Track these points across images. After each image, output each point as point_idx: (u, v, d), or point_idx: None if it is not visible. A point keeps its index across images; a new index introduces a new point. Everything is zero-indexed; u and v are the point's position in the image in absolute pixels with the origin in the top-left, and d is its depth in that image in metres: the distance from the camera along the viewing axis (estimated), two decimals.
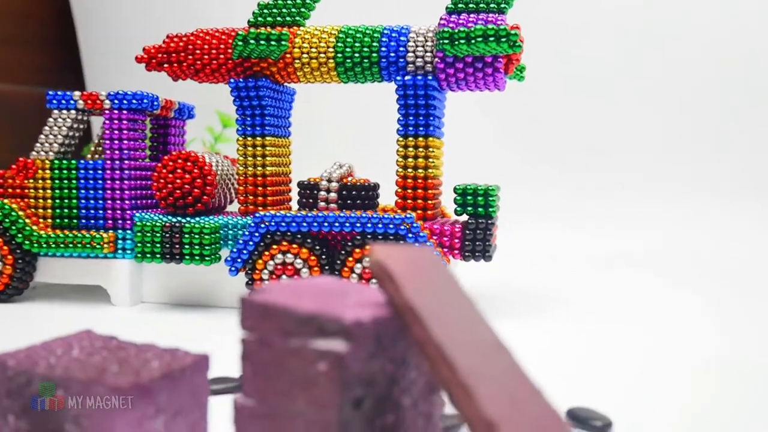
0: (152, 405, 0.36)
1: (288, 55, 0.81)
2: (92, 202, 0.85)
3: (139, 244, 0.81)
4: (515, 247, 1.15)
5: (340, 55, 0.80)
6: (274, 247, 0.77)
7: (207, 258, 0.79)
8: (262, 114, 0.83)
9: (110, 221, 0.85)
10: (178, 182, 0.83)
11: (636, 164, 1.52)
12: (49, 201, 0.86)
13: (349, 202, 0.81)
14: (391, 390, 0.35)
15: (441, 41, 0.75)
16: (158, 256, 0.80)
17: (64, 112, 0.86)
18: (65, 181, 0.86)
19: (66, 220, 0.86)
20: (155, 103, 0.86)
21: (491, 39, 0.72)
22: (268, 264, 0.77)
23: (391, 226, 0.74)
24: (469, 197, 0.78)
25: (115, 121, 0.84)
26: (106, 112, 0.84)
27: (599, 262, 1.20)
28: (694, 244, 1.32)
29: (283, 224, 0.77)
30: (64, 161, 0.86)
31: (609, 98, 1.55)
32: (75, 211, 0.86)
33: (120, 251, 0.84)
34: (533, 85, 1.05)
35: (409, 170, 0.80)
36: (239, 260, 0.78)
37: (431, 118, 0.79)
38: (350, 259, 0.75)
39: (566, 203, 1.49)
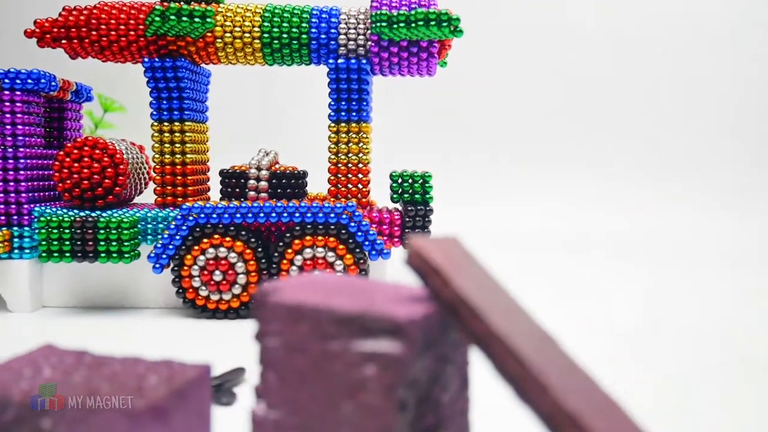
0: (166, 427, 0.32)
1: (209, 34, 0.76)
2: None
3: (43, 243, 0.72)
4: (448, 233, 1.16)
5: (266, 35, 0.76)
6: (205, 240, 0.71)
7: (126, 255, 0.72)
8: (180, 97, 0.77)
9: (3, 217, 0.75)
10: (86, 172, 0.74)
11: (557, 145, 1.59)
12: None
13: (279, 191, 0.77)
14: (432, 389, 0.33)
15: (377, 24, 0.73)
16: (67, 255, 0.72)
17: None
18: None
19: None
20: (53, 83, 0.77)
21: (432, 23, 0.71)
22: (198, 259, 0.71)
23: (332, 215, 0.72)
24: (405, 184, 0.77)
25: (6, 104, 0.74)
26: None
27: (530, 243, 1.24)
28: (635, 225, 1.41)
29: (214, 216, 0.71)
30: None
31: (526, 81, 1.60)
32: None
33: (16, 251, 0.75)
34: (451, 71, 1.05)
35: (342, 157, 0.77)
36: (164, 256, 0.72)
37: (364, 103, 0.77)
38: (289, 251, 0.72)
39: (490, 186, 1.54)
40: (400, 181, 0.77)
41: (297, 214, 0.72)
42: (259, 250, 0.72)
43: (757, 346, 0.63)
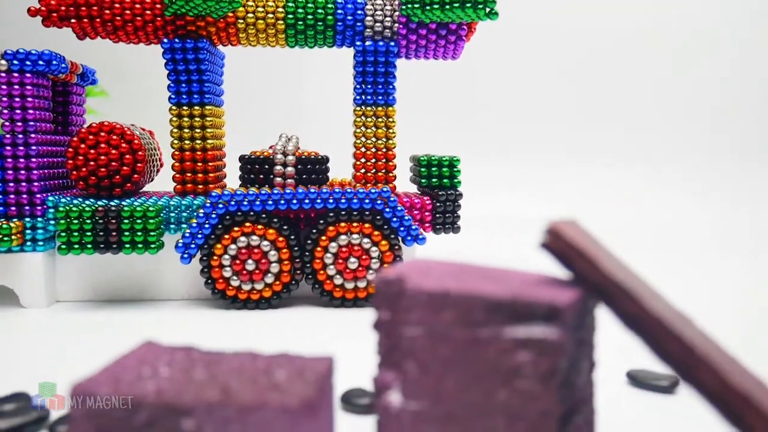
0: (315, 423, 0.30)
1: (230, 15, 0.73)
2: None
3: (62, 234, 0.68)
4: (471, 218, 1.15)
5: (291, 16, 0.73)
6: (236, 229, 0.69)
7: (152, 246, 0.69)
8: (200, 80, 0.74)
9: (14, 208, 0.70)
10: (103, 159, 0.71)
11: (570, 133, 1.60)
12: None
13: (304, 177, 0.75)
14: (569, 373, 0.33)
15: (408, 5, 0.72)
16: (89, 247, 0.68)
17: None
18: None
19: None
20: (63, 65, 0.72)
21: (468, 5, 0.70)
22: (229, 248, 0.69)
23: (367, 200, 0.70)
24: (434, 168, 0.76)
25: (16, 86, 0.69)
26: (2, 74, 0.69)
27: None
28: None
29: (245, 203, 0.69)
30: None
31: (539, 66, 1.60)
32: None
33: (29, 243, 0.70)
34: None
35: (368, 141, 0.76)
36: (192, 246, 0.69)
37: (390, 87, 0.76)
38: (323, 238, 0.70)
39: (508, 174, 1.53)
40: (428, 165, 0.76)
41: (331, 200, 0.70)
42: (292, 237, 0.70)
43: None
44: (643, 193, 1.55)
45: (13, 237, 0.68)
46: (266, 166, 0.75)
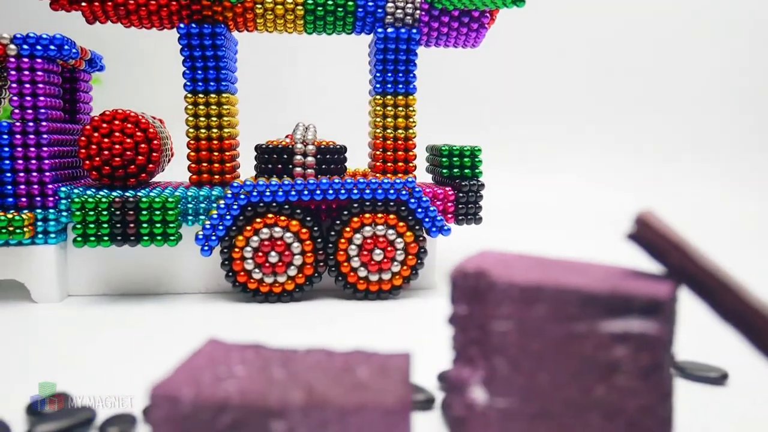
0: (407, 422, 0.29)
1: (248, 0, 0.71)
2: None
3: (78, 226, 0.65)
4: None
5: (311, 2, 0.71)
6: (258, 220, 0.67)
7: (172, 238, 0.67)
8: (217, 67, 0.71)
9: (24, 199, 0.67)
10: (118, 148, 0.68)
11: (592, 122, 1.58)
12: None
13: (323, 167, 0.73)
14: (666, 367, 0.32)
15: None
16: (105, 239, 0.66)
17: None
18: None
19: None
20: (74, 50, 0.70)
21: None
22: (251, 240, 0.67)
23: (392, 191, 0.69)
24: (455, 158, 0.75)
25: (26, 72, 0.66)
26: (12, 59, 0.66)
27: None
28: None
29: (268, 194, 0.67)
30: None
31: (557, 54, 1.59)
32: None
33: (40, 235, 0.68)
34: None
35: (389, 131, 0.74)
36: (213, 238, 0.67)
37: (411, 75, 0.74)
38: (347, 229, 0.68)
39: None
40: (450, 155, 0.75)
41: (355, 191, 0.68)
42: (315, 229, 0.68)
43: None
44: (661, 182, 1.54)
45: (25, 229, 0.65)
46: (285, 156, 0.73)
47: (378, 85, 0.74)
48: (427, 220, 0.70)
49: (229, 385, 0.30)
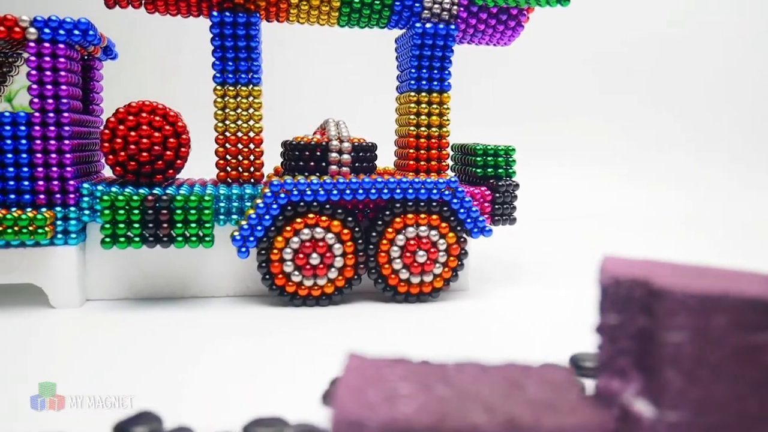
0: None
1: None
2: (11, 170, 0.62)
3: (106, 226, 0.61)
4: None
5: None
6: (298, 220, 0.64)
7: (207, 239, 0.63)
8: (249, 58, 0.68)
9: (43, 196, 0.62)
10: (145, 142, 0.64)
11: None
12: None
13: (356, 165, 0.71)
14: None
15: None
16: (136, 240, 0.61)
17: None
18: None
19: None
20: (98, 36, 0.65)
21: None
22: (291, 241, 0.64)
23: (434, 191, 0.67)
24: (489, 158, 0.74)
25: (47, 58, 0.61)
26: (32, 44, 0.61)
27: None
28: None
29: (308, 192, 0.64)
30: None
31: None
32: None
33: (59, 236, 0.63)
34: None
35: (422, 129, 0.73)
36: (251, 239, 0.64)
37: (446, 72, 0.72)
38: (390, 230, 0.66)
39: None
40: (484, 154, 0.74)
41: (398, 191, 0.66)
42: (356, 230, 0.65)
43: None
44: (697, 181, 1.54)
45: (47, 229, 0.60)
46: (318, 153, 0.70)
47: (413, 82, 0.72)
48: (469, 220, 0.68)
49: (404, 406, 0.27)
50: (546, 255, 0.95)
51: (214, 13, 0.66)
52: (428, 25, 0.70)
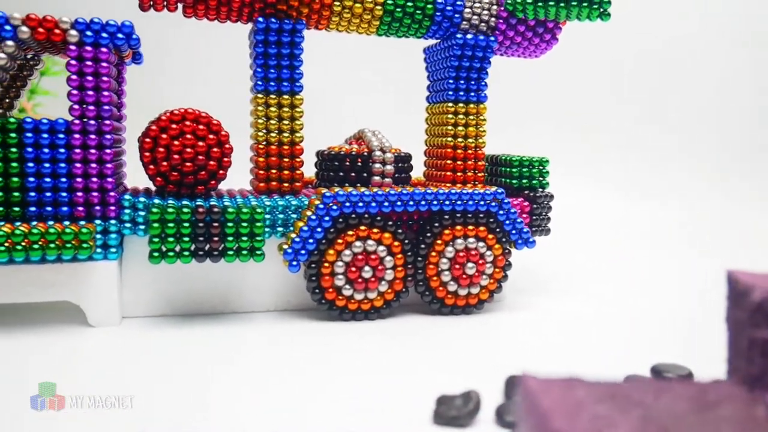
0: None
1: None
2: (49, 180, 0.58)
3: (155, 240, 0.58)
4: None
5: (390, 2, 0.68)
6: (350, 233, 0.63)
7: (258, 252, 0.60)
8: (291, 66, 0.66)
9: (82, 208, 0.59)
10: (189, 152, 0.61)
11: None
12: None
13: (396, 175, 0.70)
14: None
15: (519, 0, 0.69)
16: (186, 254, 0.59)
17: None
18: None
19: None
20: (139, 40, 0.62)
21: (584, 3, 0.69)
22: (343, 254, 0.62)
23: (481, 202, 0.67)
24: (524, 169, 0.75)
25: (88, 63, 0.58)
26: (72, 47, 0.57)
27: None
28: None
29: (361, 204, 0.63)
30: None
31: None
32: (18, 195, 0.57)
33: (99, 250, 0.59)
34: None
35: (459, 140, 0.72)
36: (303, 252, 0.62)
37: (482, 83, 0.72)
38: (439, 242, 0.65)
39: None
40: (519, 165, 0.74)
41: (447, 202, 0.66)
42: (406, 242, 0.64)
43: None
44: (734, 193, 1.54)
45: (90, 243, 0.57)
46: (359, 164, 0.69)
47: (450, 93, 0.72)
48: (514, 232, 0.68)
49: None
50: (570, 264, 0.95)
51: (260, 19, 0.63)
52: (469, 36, 0.70)
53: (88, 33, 0.57)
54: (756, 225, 1.37)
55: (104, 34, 0.58)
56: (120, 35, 0.58)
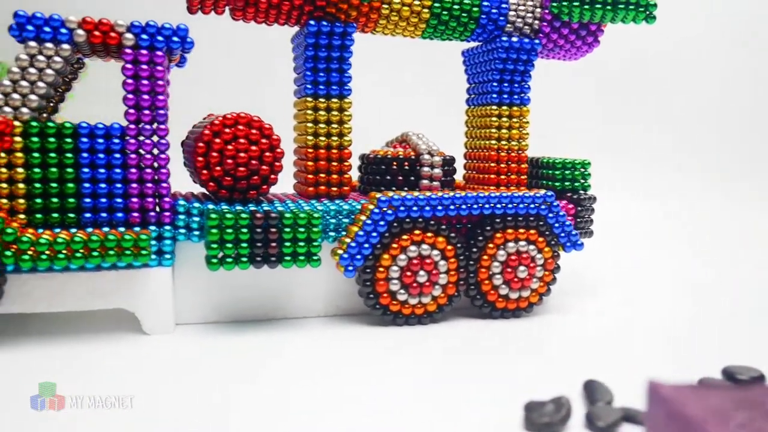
0: None
1: None
2: (104, 186, 0.57)
3: (213, 246, 0.57)
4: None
5: (437, 5, 0.68)
6: (405, 237, 0.62)
7: (315, 258, 0.60)
8: (341, 69, 0.66)
9: (137, 214, 0.58)
10: (243, 156, 0.60)
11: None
12: (21, 186, 0.55)
13: (444, 179, 0.70)
14: None
15: (563, 3, 0.69)
16: (244, 260, 0.58)
17: (50, 46, 0.54)
18: (53, 155, 0.55)
19: (53, 215, 0.56)
20: (193, 43, 0.61)
21: (631, 7, 0.69)
22: (398, 259, 0.62)
23: (532, 205, 0.67)
24: (567, 171, 0.75)
25: (144, 67, 0.57)
26: (128, 51, 0.56)
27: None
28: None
29: (415, 209, 0.62)
30: (51, 124, 0.55)
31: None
32: (73, 201, 0.56)
33: (153, 256, 0.58)
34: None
35: (503, 142, 0.72)
36: (358, 257, 0.61)
37: (526, 86, 0.73)
38: (490, 245, 0.65)
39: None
40: (562, 167, 0.74)
41: (499, 205, 0.65)
42: (459, 246, 0.64)
43: None
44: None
45: (149, 250, 0.56)
46: (406, 166, 0.69)
47: (494, 95, 0.72)
48: (563, 235, 0.68)
49: None
50: (608, 265, 0.95)
51: (311, 23, 0.63)
52: (514, 39, 0.70)
53: (144, 36, 0.56)
54: None
55: (160, 38, 0.57)
56: (175, 38, 0.58)
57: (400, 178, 0.69)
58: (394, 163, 0.69)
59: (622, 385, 0.47)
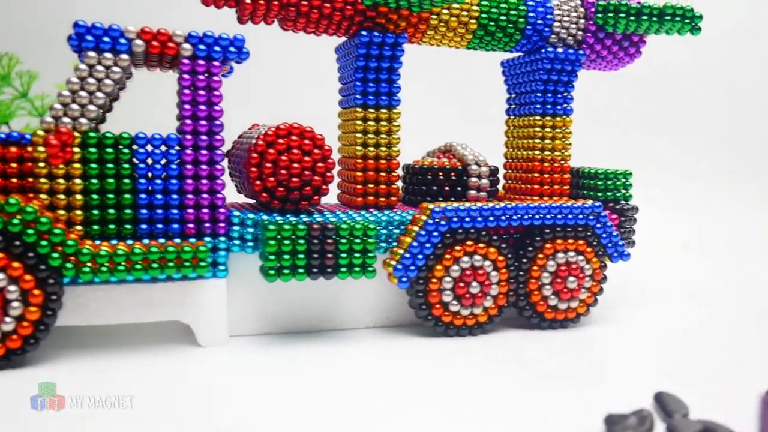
0: None
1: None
2: (161, 197, 0.56)
3: (271, 257, 0.56)
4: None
5: (485, 16, 0.68)
6: (457, 248, 0.62)
7: (370, 269, 0.60)
8: (390, 80, 0.66)
9: (192, 225, 0.57)
10: (296, 167, 0.60)
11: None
12: (79, 197, 0.54)
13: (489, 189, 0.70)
14: None
15: (609, 14, 0.69)
16: (301, 271, 0.57)
17: (108, 56, 0.54)
18: (110, 166, 0.55)
19: (110, 226, 0.55)
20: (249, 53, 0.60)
21: (677, 18, 0.69)
22: (451, 270, 0.62)
23: (580, 216, 0.67)
24: (609, 182, 0.75)
25: (201, 77, 0.57)
26: (185, 61, 0.56)
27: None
28: None
29: (468, 219, 0.62)
30: (108, 134, 0.55)
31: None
32: (129, 212, 0.56)
33: (209, 268, 0.58)
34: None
35: (546, 153, 0.72)
36: (412, 268, 0.61)
37: (569, 96, 0.73)
38: (540, 256, 0.65)
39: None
40: (605, 178, 0.74)
41: (549, 216, 0.65)
42: (510, 256, 0.64)
43: None
44: None
45: (208, 260, 0.56)
46: (453, 177, 0.69)
47: (538, 106, 0.72)
48: (610, 245, 0.68)
49: None
50: (646, 275, 0.95)
51: (363, 33, 0.63)
52: (559, 50, 0.70)
53: (201, 47, 0.56)
54: None
55: (217, 48, 0.57)
56: (232, 48, 0.57)
57: (447, 188, 0.69)
58: (441, 174, 0.69)
59: (688, 396, 0.47)
